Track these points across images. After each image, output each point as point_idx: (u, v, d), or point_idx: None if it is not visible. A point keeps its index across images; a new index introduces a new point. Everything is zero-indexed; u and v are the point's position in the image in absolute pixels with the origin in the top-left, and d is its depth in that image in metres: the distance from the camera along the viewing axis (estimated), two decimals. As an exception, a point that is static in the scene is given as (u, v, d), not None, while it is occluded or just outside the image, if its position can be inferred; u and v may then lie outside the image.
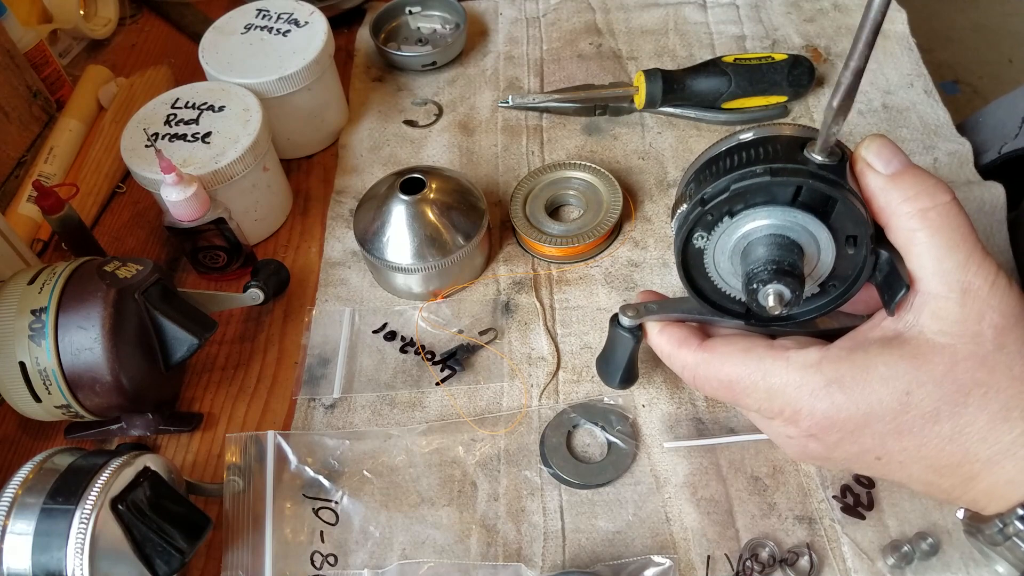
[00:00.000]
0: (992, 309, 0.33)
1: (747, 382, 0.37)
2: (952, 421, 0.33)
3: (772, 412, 0.38)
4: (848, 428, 0.35)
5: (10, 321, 0.48)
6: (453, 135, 0.72)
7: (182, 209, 0.56)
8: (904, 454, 0.35)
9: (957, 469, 0.34)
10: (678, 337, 0.40)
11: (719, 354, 0.38)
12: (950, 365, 0.33)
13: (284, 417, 0.56)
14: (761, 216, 0.36)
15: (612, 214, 0.61)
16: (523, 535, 0.49)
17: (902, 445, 0.34)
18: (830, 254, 0.37)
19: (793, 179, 0.34)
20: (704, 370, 0.39)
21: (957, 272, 0.33)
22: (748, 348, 0.37)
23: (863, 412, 0.34)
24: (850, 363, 0.35)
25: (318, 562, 0.49)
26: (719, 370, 0.38)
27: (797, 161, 0.35)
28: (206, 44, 0.68)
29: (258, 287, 0.57)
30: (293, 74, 0.65)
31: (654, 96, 0.68)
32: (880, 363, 0.34)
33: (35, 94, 0.74)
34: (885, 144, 0.35)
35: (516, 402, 0.55)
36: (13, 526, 0.41)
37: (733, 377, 0.38)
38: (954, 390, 0.33)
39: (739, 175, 0.35)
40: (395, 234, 0.57)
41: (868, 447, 0.35)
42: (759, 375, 0.37)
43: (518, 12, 0.84)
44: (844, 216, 0.35)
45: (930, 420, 0.33)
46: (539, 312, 0.59)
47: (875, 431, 0.35)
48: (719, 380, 0.39)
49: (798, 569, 0.46)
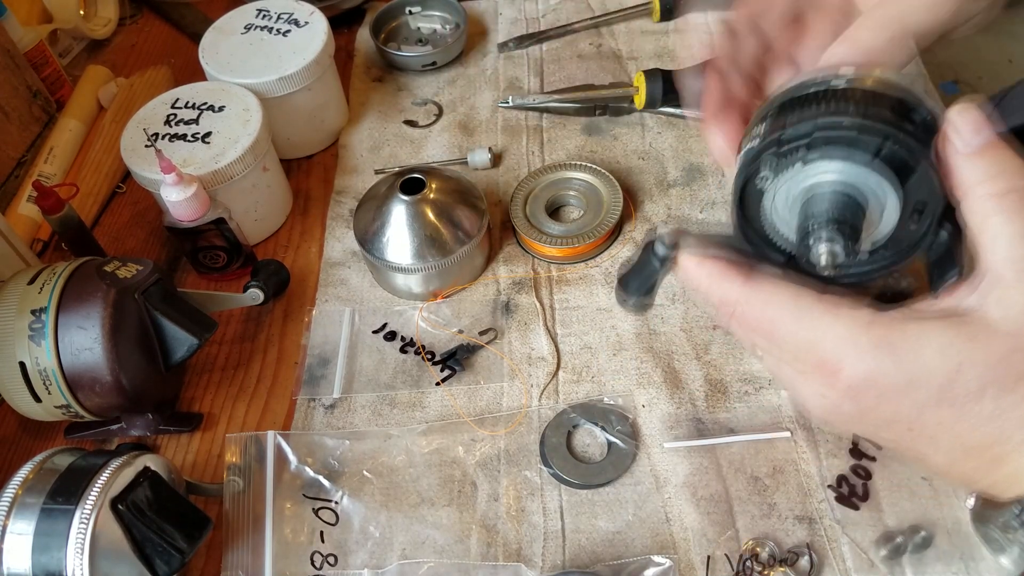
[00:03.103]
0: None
1: (791, 328, 0.36)
2: (996, 402, 0.32)
3: (810, 364, 0.36)
4: (888, 392, 0.34)
5: (10, 321, 0.48)
6: (453, 135, 0.72)
7: (182, 209, 0.56)
8: (938, 427, 0.34)
9: (986, 450, 0.34)
10: (720, 270, 0.37)
11: (766, 292, 0.36)
12: (1008, 352, 0.32)
13: (284, 417, 0.56)
14: (834, 169, 0.34)
15: (612, 214, 0.61)
16: (523, 535, 0.49)
17: (939, 417, 0.34)
18: (892, 221, 0.35)
19: (879, 139, 0.33)
20: (746, 307, 0.37)
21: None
22: (798, 294, 0.36)
23: (908, 378, 0.33)
24: (903, 330, 0.33)
25: (318, 562, 0.49)
26: (763, 310, 0.36)
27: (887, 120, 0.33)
28: (206, 44, 0.68)
29: (258, 287, 0.57)
30: (293, 74, 0.65)
31: (654, 96, 0.68)
32: (936, 335, 0.33)
33: (35, 94, 0.74)
34: (972, 117, 0.33)
35: (516, 402, 0.55)
36: (13, 526, 0.41)
37: (776, 320, 0.36)
38: (1005, 375, 0.32)
39: (826, 123, 0.33)
40: (395, 234, 0.57)
41: (903, 415, 0.34)
42: (805, 323, 0.35)
43: (518, 12, 0.84)
44: (919, 185, 0.34)
45: (974, 397, 0.33)
46: (539, 312, 0.59)
47: (916, 399, 0.34)
48: (760, 320, 0.36)
49: (798, 569, 0.46)
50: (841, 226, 0.34)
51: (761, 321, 0.36)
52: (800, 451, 0.50)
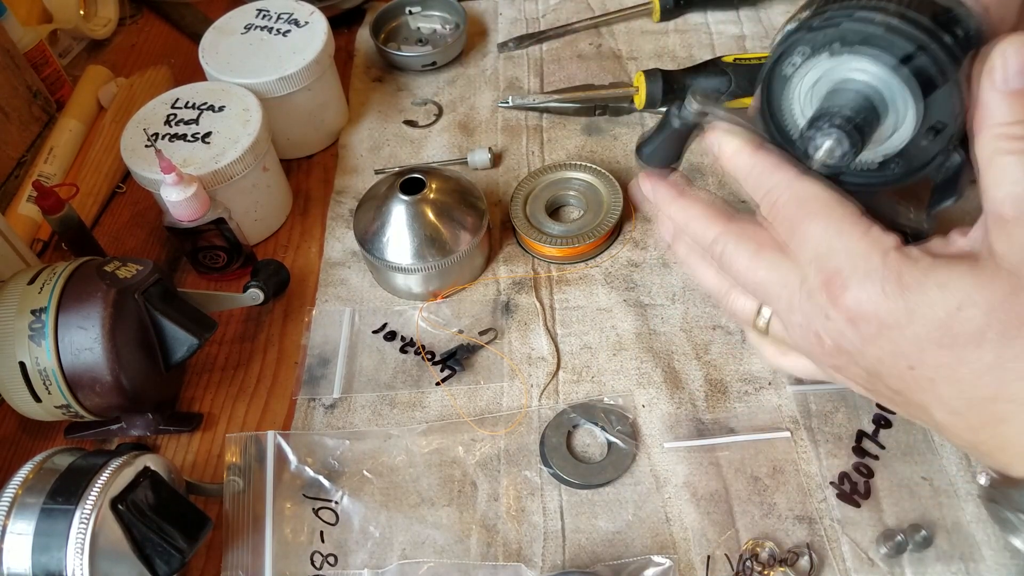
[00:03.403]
0: None
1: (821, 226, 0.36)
2: (996, 351, 0.32)
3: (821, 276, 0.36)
4: (888, 323, 0.34)
5: (10, 321, 0.48)
6: (453, 135, 0.72)
7: (182, 209, 0.56)
8: (938, 370, 0.34)
9: (988, 404, 0.33)
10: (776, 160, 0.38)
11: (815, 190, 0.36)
12: (1008, 293, 0.31)
13: (284, 417, 0.56)
14: (859, 67, 0.34)
15: (612, 214, 0.61)
16: (523, 535, 0.49)
17: (938, 359, 0.33)
18: (907, 134, 0.34)
19: (910, 43, 0.32)
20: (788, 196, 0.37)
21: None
22: (843, 201, 0.36)
23: (908, 311, 0.33)
24: (915, 264, 0.33)
25: (318, 562, 0.49)
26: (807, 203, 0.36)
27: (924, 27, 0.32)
28: (206, 44, 0.68)
29: (258, 287, 0.57)
30: (293, 74, 0.65)
31: (654, 96, 0.68)
32: (942, 272, 0.33)
33: (35, 94, 0.74)
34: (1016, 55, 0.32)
35: (516, 402, 0.55)
36: (13, 526, 0.41)
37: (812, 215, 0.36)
38: (1006, 319, 0.31)
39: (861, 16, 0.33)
40: (395, 234, 0.57)
41: (904, 350, 0.34)
42: (834, 226, 0.35)
43: (518, 12, 0.84)
44: (942, 103, 0.33)
45: (973, 341, 0.32)
46: (539, 312, 0.59)
47: (915, 334, 0.33)
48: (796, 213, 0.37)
49: (798, 569, 0.46)
50: (849, 126, 0.33)
51: (798, 212, 0.36)
52: (800, 451, 0.50)
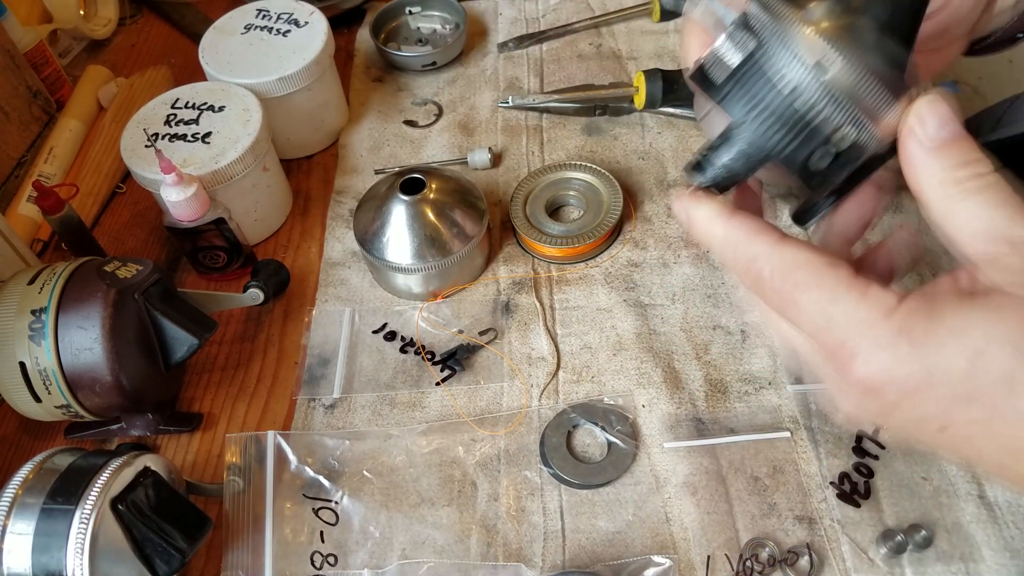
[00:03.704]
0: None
1: (815, 296, 0.33)
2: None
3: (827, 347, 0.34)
4: (907, 388, 0.31)
5: (10, 321, 0.48)
6: (453, 135, 0.72)
7: (182, 209, 0.56)
8: (972, 427, 0.31)
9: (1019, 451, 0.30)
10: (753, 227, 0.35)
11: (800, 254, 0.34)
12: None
13: (284, 417, 0.56)
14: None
15: (612, 214, 0.61)
16: (523, 535, 0.49)
17: (970, 416, 0.30)
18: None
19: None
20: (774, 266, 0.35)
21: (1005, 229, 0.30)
22: (832, 264, 0.33)
23: (926, 369, 0.30)
24: (925, 313, 0.31)
25: (318, 562, 0.49)
26: (792, 273, 0.34)
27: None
28: (206, 44, 0.68)
29: (258, 287, 0.57)
30: (293, 74, 0.65)
31: (654, 96, 0.68)
32: (953, 314, 0.30)
33: (35, 94, 0.74)
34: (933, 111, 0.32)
35: (516, 402, 0.55)
36: (13, 526, 0.41)
37: (802, 285, 0.34)
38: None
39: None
40: (395, 234, 0.57)
41: (931, 414, 0.31)
42: (828, 294, 0.33)
43: (518, 12, 0.84)
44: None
45: (1004, 387, 0.29)
46: (539, 312, 0.59)
47: (939, 395, 0.30)
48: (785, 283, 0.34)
49: (798, 569, 0.46)
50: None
51: (786, 284, 0.34)
52: (800, 451, 0.50)
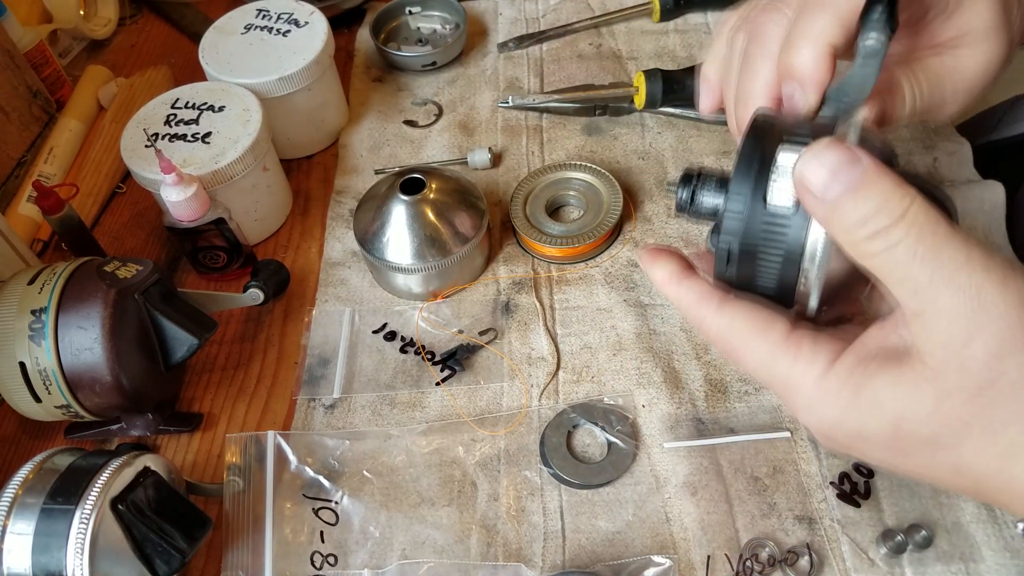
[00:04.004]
0: (980, 330, 0.28)
1: (755, 360, 0.35)
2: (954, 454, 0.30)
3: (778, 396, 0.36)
4: (849, 439, 0.33)
5: (10, 321, 0.48)
6: (453, 135, 0.72)
7: (182, 209, 0.56)
8: (917, 469, 0.33)
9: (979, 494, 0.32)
10: (698, 292, 0.37)
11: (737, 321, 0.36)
12: (937, 400, 0.29)
13: (284, 417, 0.56)
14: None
15: (612, 214, 0.61)
16: (523, 535, 0.49)
17: (910, 463, 0.32)
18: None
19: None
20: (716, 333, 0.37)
21: (932, 289, 0.28)
22: (766, 328, 0.35)
23: (857, 431, 0.32)
24: (845, 382, 0.32)
25: (318, 562, 0.49)
26: (731, 339, 0.36)
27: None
28: (206, 44, 0.68)
29: (258, 287, 0.57)
30: (293, 74, 0.65)
31: (654, 96, 0.68)
32: (871, 386, 0.31)
33: (35, 94, 0.74)
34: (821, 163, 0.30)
35: (516, 402, 0.55)
36: (13, 526, 0.41)
37: (740, 351, 0.36)
38: (945, 427, 0.29)
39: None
40: (395, 234, 0.57)
41: (878, 457, 0.33)
42: (766, 361, 0.35)
43: (518, 12, 0.84)
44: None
45: (929, 447, 0.31)
46: (539, 312, 0.59)
47: (876, 447, 0.33)
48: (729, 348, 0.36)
49: (798, 569, 0.46)
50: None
51: (729, 348, 0.36)
52: (800, 451, 0.50)
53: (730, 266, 0.35)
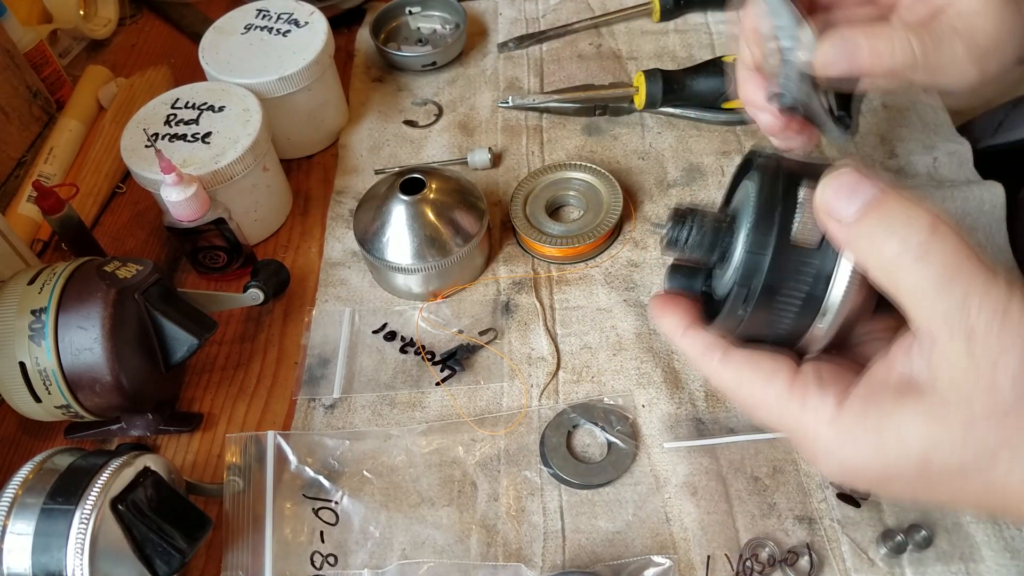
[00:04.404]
0: (1006, 352, 0.28)
1: (764, 413, 0.35)
2: (983, 479, 0.30)
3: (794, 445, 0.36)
4: (871, 480, 0.33)
5: (10, 321, 0.48)
6: (453, 135, 0.72)
7: (182, 209, 0.56)
8: (942, 500, 0.33)
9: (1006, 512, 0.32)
10: (702, 344, 0.37)
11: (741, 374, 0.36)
12: (967, 426, 0.29)
13: (284, 417, 0.56)
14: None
15: (612, 214, 0.61)
16: (523, 535, 0.49)
17: (936, 496, 0.32)
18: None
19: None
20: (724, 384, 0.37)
21: (956, 314, 0.28)
22: (769, 378, 0.35)
23: (880, 471, 0.32)
24: (863, 422, 0.32)
25: (318, 562, 0.49)
26: (738, 391, 0.36)
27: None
28: (206, 44, 0.68)
29: (258, 287, 0.57)
30: (293, 74, 0.65)
31: (654, 97, 0.68)
32: (893, 423, 0.31)
33: (35, 94, 0.74)
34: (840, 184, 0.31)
35: (516, 402, 0.55)
36: (13, 526, 0.41)
37: (749, 403, 0.36)
38: (977, 453, 0.29)
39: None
40: (395, 234, 0.57)
41: (900, 493, 0.33)
42: (776, 411, 0.35)
43: (518, 12, 0.84)
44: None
45: (957, 477, 0.30)
46: (539, 312, 0.59)
47: (902, 484, 0.32)
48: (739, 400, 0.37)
49: (798, 569, 0.46)
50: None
51: (739, 400, 0.36)
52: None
53: (746, 305, 0.34)
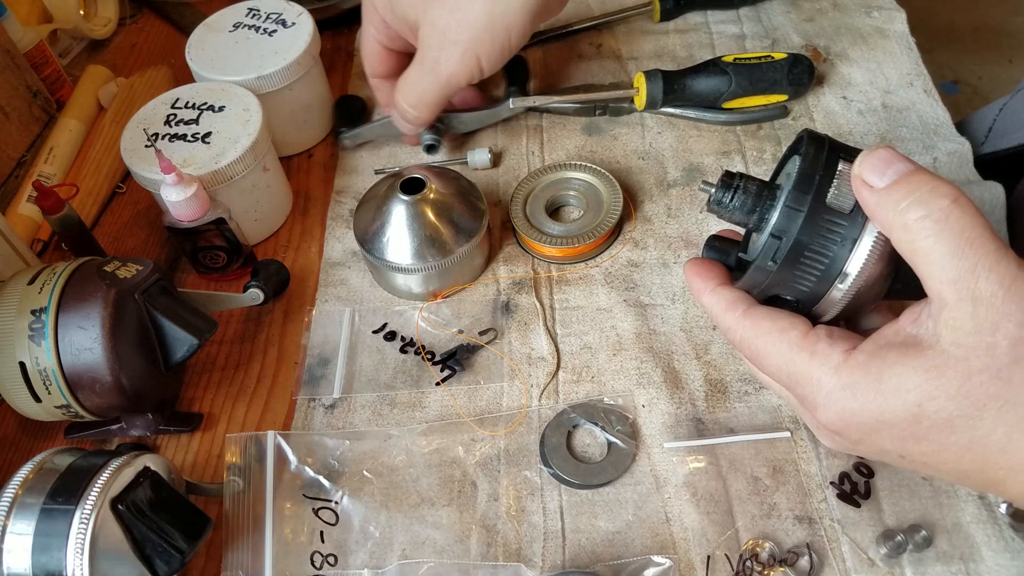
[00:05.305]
0: (1007, 318, 0.31)
1: (775, 360, 0.39)
2: (968, 433, 0.33)
3: (795, 397, 0.39)
4: (864, 430, 0.36)
5: (10, 321, 0.48)
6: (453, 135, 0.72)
7: (182, 209, 0.56)
8: (925, 457, 0.35)
9: (980, 475, 0.34)
10: (727, 300, 0.41)
11: (759, 326, 0.39)
12: (963, 379, 0.32)
13: (284, 417, 0.56)
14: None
15: (612, 215, 0.61)
16: (523, 535, 0.49)
17: (921, 449, 0.35)
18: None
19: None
20: (741, 336, 0.40)
21: (967, 279, 0.32)
22: (785, 329, 0.38)
23: (875, 418, 0.35)
24: (865, 371, 0.35)
25: (318, 562, 0.49)
26: (754, 341, 0.40)
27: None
28: (193, 41, 0.67)
29: (258, 287, 0.57)
30: (272, 73, 0.64)
31: (655, 97, 0.68)
32: (894, 373, 0.34)
33: (35, 94, 0.74)
34: (877, 158, 0.35)
35: (516, 402, 0.55)
36: (13, 526, 0.41)
37: (762, 352, 0.39)
38: (968, 404, 0.32)
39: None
40: (395, 234, 0.57)
41: (888, 447, 0.36)
42: (786, 359, 0.38)
43: (518, 12, 0.84)
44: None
45: (944, 430, 0.33)
46: (539, 312, 0.59)
47: (892, 435, 0.35)
48: (752, 349, 0.40)
49: (798, 569, 0.46)
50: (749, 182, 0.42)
51: (753, 350, 0.40)
52: (800, 451, 0.50)
53: (776, 257, 0.38)
